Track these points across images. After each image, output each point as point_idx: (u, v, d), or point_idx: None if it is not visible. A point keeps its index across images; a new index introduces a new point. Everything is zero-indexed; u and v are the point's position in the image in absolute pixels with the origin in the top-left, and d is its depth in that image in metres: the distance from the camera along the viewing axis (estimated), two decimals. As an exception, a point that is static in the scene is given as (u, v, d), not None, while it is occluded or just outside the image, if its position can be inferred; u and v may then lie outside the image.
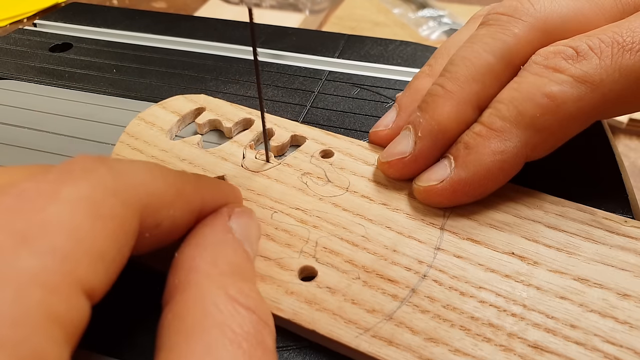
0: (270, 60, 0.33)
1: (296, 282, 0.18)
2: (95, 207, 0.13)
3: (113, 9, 0.41)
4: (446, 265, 0.18)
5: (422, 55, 0.33)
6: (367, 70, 0.32)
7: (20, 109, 0.28)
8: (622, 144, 0.39)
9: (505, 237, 0.19)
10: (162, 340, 0.13)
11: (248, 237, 0.17)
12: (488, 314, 0.17)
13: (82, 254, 0.12)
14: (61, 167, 0.13)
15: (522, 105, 0.19)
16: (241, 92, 0.29)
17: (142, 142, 0.24)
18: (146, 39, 0.35)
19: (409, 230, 0.20)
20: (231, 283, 0.14)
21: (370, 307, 0.17)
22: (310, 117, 0.27)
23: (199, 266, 0.15)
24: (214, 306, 0.13)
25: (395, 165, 0.21)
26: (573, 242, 0.19)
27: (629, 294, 0.17)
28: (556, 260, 0.18)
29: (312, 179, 0.22)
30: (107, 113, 0.28)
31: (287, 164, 0.23)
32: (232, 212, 0.17)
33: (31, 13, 0.44)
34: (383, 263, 0.18)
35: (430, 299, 0.17)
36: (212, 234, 0.16)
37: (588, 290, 0.17)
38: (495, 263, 0.18)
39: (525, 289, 0.18)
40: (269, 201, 0.21)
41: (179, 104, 0.26)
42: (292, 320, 0.17)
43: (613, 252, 0.19)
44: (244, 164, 0.23)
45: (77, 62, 0.32)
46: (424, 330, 0.16)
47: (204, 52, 0.33)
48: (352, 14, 0.51)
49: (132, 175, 0.14)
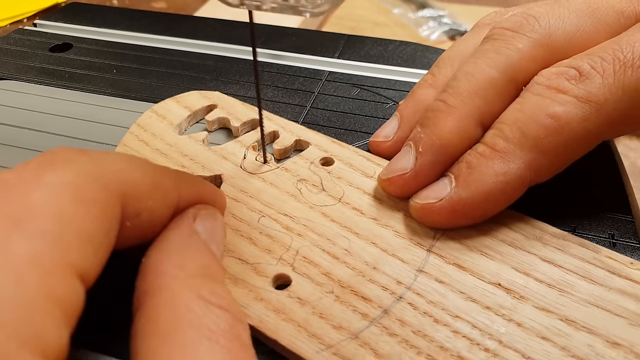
0: (270, 60, 0.33)
1: (268, 290, 0.17)
2: (79, 192, 0.13)
3: (113, 9, 0.41)
4: (425, 289, 0.17)
5: (422, 56, 0.33)
6: (367, 70, 0.32)
7: (20, 109, 0.28)
8: (622, 144, 0.39)
9: (495, 266, 0.18)
10: (138, 345, 0.13)
11: (214, 239, 0.17)
12: (459, 345, 0.16)
13: (71, 237, 0.12)
14: (41, 156, 0.14)
15: (526, 126, 0.19)
16: (241, 93, 0.29)
17: (150, 135, 0.24)
18: (146, 39, 0.35)
19: (394, 248, 0.19)
20: (201, 284, 0.14)
21: (338, 323, 0.16)
22: (310, 117, 0.27)
23: (167, 270, 0.15)
24: (186, 308, 0.13)
25: (396, 182, 0.20)
26: (568, 280, 0.18)
27: (620, 343, 0.16)
28: (545, 297, 0.17)
29: (306, 186, 0.22)
30: (107, 113, 0.28)
31: (285, 169, 0.23)
32: (197, 214, 0.17)
33: (31, 13, 0.44)
34: (360, 279, 0.18)
35: (401, 322, 0.16)
36: (177, 236, 0.16)
37: (574, 333, 0.16)
38: (478, 293, 0.17)
39: (505, 323, 0.16)
40: (259, 204, 0.21)
41: (193, 99, 0.26)
42: (257, 328, 0.16)
43: (611, 296, 0.17)
44: (243, 164, 0.23)
45: (77, 63, 0.32)
46: (388, 355, 0.15)
47: (204, 53, 0.33)
48: (352, 14, 0.51)
49: (111, 163, 0.15)
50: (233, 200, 0.21)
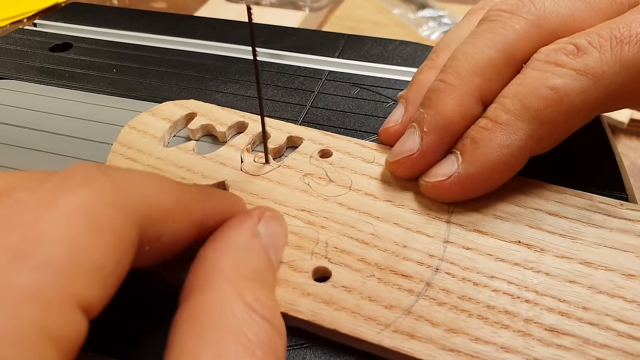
0: (270, 60, 0.33)
1: (311, 284, 0.18)
2: (95, 218, 0.12)
3: (113, 9, 0.41)
4: (457, 257, 0.19)
5: (422, 55, 0.33)
6: (367, 70, 0.32)
7: (20, 108, 0.28)
8: (622, 144, 0.39)
9: (510, 226, 0.20)
10: (175, 338, 0.13)
11: (274, 244, 0.17)
12: (503, 301, 0.17)
13: (79, 267, 0.12)
14: (60, 174, 0.13)
15: (527, 99, 0.19)
16: (241, 92, 0.29)
17: (136, 151, 0.23)
18: (146, 39, 0.35)
19: (417, 225, 0.20)
20: (250, 289, 0.14)
21: (388, 303, 0.17)
22: (310, 117, 0.27)
23: (222, 268, 0.15)
24: (231, 312, 0.13)
25: (404, 164, 0.21)
26: (575, 228, 0.20)
27: (634, 274, 0.18)
28: (561, 246, 0.19)
29: (314, 180, 0.22)
30: (107, 113, 0.28)
31: (286, 166, 0.23)
32: (262, 216, 0.17)
33: (31, 13, 0.44)
34: (395, 259, 0.19)
35: (445, 292, 0.18)
36: (238, 236, 0.16)
37: (594, 272, 0.18)
38: (503, 252, 0.19)
39: (536, 275, 0.18)
40: (273, 204, 0.21)
41: (169, 110, 0.26)
42: (312, 322, 0.17)
43: (613, 235, 0.19)
44: (243, 167, 0.23)
45: (77, 62, 0.32)
46: (444, 322, 0.17)
47: (204, 52, 0.33)
48: (352, 14, 0.51)
49: (131, 185, 0.14)
50: (247, 204, 0.21)
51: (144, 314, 0.18)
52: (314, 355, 0.17)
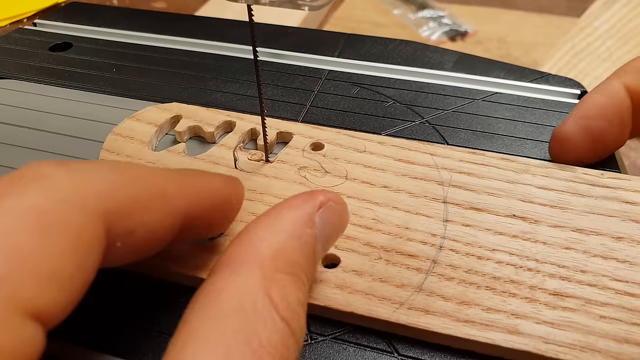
0: (270, 59, 0.33)
1: (322, 271, 0.18)
2: (45, 217, 0.11)
3: (113, 8, 0.41)
4: (458, 234, 0.20)
5: (421, 54, 0.33)
6: (367, 69, 0.32)
7: (20, 108, 0.28)
8: (622, 143, 0.38)
9: (503, 201, 0.21)
10: (192, 314, 0.12)
11: (326, 237, 0.16)
12: (507, 272, 0.18)
13: (26, 274, 0.11)
14: (10, 174, 0.12)
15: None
16: (241, 91, 0.29)
17: (125, 157, 0.23)
18: (146, 39, 0.35)
19: (415, 207, 0.21)
20: (280, 285, 0.13)
21: (399, 282, 0.18)
22: (310, 116, 0.27)
23: (259, 252, 0.14)
24: (252, 305, 0.12)
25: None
26: (563, 199, 0.21)
27: (622, 236, 0.19)
28: (553, 216, 0.20)
29: (309, 172, 0.22)
30: (107, 112, 0.27)
31: (281, 161, 0.23)
32: (325, 203, 0.15)
33: (31, 13, 0.44)
34: (399, 241, 0.19)
35: (452, 267, 0.18)
36: (291, 220, 0.15)
37: (587, 238, 0.19)
38: (500, 226, 0.20)
39: (534, 245, 0.19)
40: (273, 198, 0.21)
41: (153, 114, 0.26)
42: (328, 306, 0.17)
43: (599, 203, 0.21)
44: (239, 165, 0.23)
45: (77, 62, 0.32)
46: (455, 296, 0.17)
47: (204, 52, 0.33)
48: (352, 14, 0.51)
49: (95, 178, 0.13)
50: (246, 200, 0.21)
51: (141, 310, 0.18)
52: (314, 354, 0.17)
